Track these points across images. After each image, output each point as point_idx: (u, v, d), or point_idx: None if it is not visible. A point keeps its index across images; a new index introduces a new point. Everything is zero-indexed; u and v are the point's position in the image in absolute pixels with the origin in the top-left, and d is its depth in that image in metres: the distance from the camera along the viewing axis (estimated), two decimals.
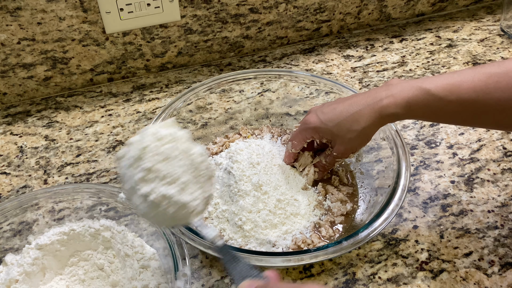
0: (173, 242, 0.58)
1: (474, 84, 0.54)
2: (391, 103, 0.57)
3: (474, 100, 0.54)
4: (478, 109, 0.55)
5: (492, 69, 0.54)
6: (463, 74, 0.56)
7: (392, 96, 0.57)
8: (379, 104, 0.58)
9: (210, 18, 0.92)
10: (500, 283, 0.61)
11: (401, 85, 0.58)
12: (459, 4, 1.12)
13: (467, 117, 0.58)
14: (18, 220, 0.64)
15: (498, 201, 0.71)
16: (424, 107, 0.57)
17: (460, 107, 0.55)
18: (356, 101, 0.60)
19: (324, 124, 0.62)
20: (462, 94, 0.54)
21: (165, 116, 0.71)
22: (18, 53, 0.84)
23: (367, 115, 0.59)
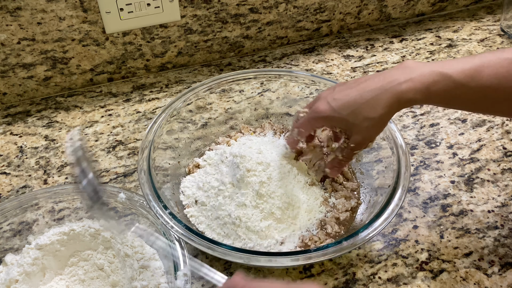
0: (173, 242, 0.58)
1: (497, 70, 0.52)
2: (410, 88, 0.54)
3: (496, 87, 0.52)
4: (500, 96, 0.53)
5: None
6: (484, 58, 0.53)
7: (411, 81, 0.54)
8: (397, 89, 0.54)
9: (210, 18, 0.92)
10: (500, 283, 0.61)
11: (420, 69, 0.54)
12: (459, 4, 1.12)
13: (487, 104, 0.56)
14: (18, 220, 0.64)
15: (498, 201, 0.71)
16: (445, 94, 0.54)
17: (481, 94, 0.53)
18: (371, 85, 0.56)
19: (338, 113, 0.57)
20: (484, 80, 0.52)
21: (165, 116, 0.71)
22: (18, 53, 0.84)
23: (384, 100, 0.55)
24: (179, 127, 0.74)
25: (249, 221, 0.61)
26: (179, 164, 0.73)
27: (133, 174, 0.76)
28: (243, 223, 0.62)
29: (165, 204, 0.59)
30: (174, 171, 0.71)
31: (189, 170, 0.73)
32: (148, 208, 0.61)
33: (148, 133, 0.69)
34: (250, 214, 0.62)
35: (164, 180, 0.67)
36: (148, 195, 0.60)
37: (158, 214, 0.59)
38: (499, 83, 0.52)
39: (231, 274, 0.62)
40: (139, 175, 0.63)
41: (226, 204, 0.64)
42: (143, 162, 0.64)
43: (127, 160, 0.78)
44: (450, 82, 0.53)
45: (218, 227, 0.64)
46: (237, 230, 0.62)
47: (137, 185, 0.74)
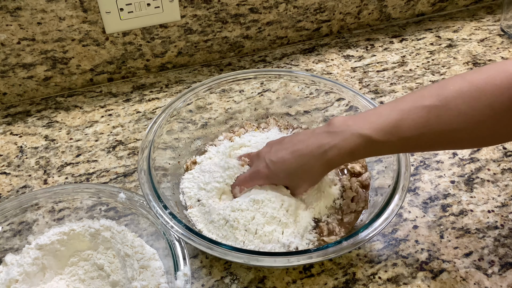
0: (173, 242, 0.58)
1: (415, 122, 0.53)
2: (335, 154, 0.57)
3: (418, 136, 0.53)
4: (424, 143, 0.54)
5: (432, 101, 0.52)
6: (402, 109, 0.54)
7: (336, 147, 0.57)
8: (325, 157, 0.58)
9: (210, 18, 0.92)
10: (500, 283, 0.61)
11: (343, 133, 0.57)
12: (459, 4, 1.12)
13: (414, 150, 0.59)
14: (18, 220, 0.64)
15: (498, 201, 0.71)
16: (369, 152, 0.57)
17: (405, 144, 0.55)
18: (302, 150, 0.60)
19: (276, 175, 0.63)
20: (405, 133, 0.53)
21: (165, 116, 0.71)
22: (18, 53, 0.84)
23: (315, 166, 0.59)
24: (179, 127, 0.74)
25: (249, 223, 0.61)
26: (179, 164, 0.73)
27: (133, 174, 0.76)
28: (241, 225, 0.62)
29: (165, 204, 0.59)
30: (174, 171, 0.71)
31: (187, 167, 0.73)
32: (148, 208, 0.61)
33: (148, 133, 0.69)
34: (249, 217, 0.62)
35: (164, 180, 0.67)
36: (148, 195, 0.60)
37: (158, 214, 0.59)
38: (420, 133, 0.53)
39: (231, 274, 0.62)
40: (139, 175, 0.63)
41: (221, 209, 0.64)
42: (143, 162, 0.64)
43: (127, 160, 0.78)
44: (371, 142, 0.55)
45: (215, 228, 0.64)
46: (235, 232, 0.61)
47: (137, 185, 0.74)
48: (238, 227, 0.61)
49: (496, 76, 0.50)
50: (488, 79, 0.50)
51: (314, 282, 0.61)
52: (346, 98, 0.75)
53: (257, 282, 0.61)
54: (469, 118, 0.51)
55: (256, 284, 0.61)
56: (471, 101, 0.50)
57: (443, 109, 0.52)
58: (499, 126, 0.51)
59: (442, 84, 0.54)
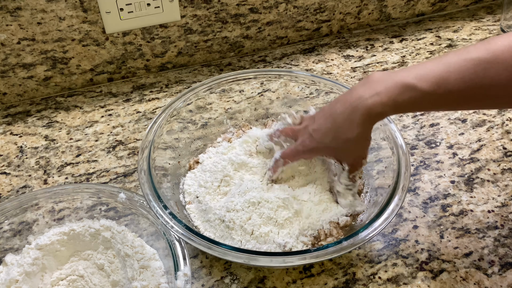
0: (173, 242, 0.58)
1: (463, 74, 0.51)
2: (377, 102, 0.54)
3: (464, 90, 0.52)
4: (469, 98, 0.53)
5: (479, 54, 0.51)
6: (449, 62, 0.53)
7: (377, 95, 0.54)
8: (365, 105, 0.55)
9: (210, 18, 0.92)
10: (500, 283, 0.61)
11: (385, 82, 0.54)
12: (459, 4, 1.12)
13: (457, 106, 0.57)
14: (18, 220, 0.64)
15: (498, 201, 0.71)
16: (413, 103, 0.54)
17: (450, 98, 0.53)
18: (341, 107, 0.57)
19: (321, 143, 0.60)
20: (451, 85, 0.52)
21: (165, 116, 0.71)
22: (18, 53, 0.84)
23: (356, 119, 0.56)
24: (179, 127, 0.74)
25: (245, 224, 0.61)
26: (179, 164, 0.73)
27: (133, 174, 0.76)
28: (237, 226, 0.61)
29: (165, 204, 0.59)
30: (174, 171, 0.71)
31: (190, 166, 0.73)
32: (148, 208, 0.61)
33: (148, 133, 0.69)
34: (245, 218, 0.62)
35: (164, 180, 0.67)
36: (148, 195, 0.60)
37: (158, 214, 0.59)
38: (466, 87, 0.52)
39: (231, 274, 0.62)
40: (139, 175, 0.63)
41: (217, 208, 0.64)
42: (143, 162, 0.64)
43: (127, 160, 0.78)
44: (416, 92, 0.53)
45: (211, 227, 0.64)
46: (231, 233, 0.61)
47: (137, 185, 0.74)
48: (234, 227, 0.61)
49: None
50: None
51: (314, 282, 0.61)
52: None
53: (257, 282, 0.61)
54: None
55: (256, 284, 0.61)
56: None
57: (491, 62, 0.50)
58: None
59: (489, 40, 0.53)
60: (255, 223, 0.61)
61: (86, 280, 0.60)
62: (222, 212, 0.63)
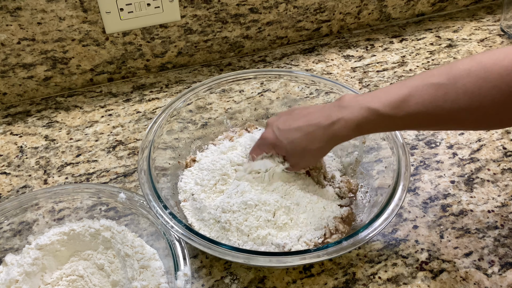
0: (173, 242, 0.58)
1: (423, 98, 0.53)
2: (342, 126, 0.58)
3: (425, 113, 0.54)
4: (430, 121, 0.55)
5: (440, 78, 0.53)
6: (411, 86, 0.55)
7: (343, 119, 0.57)
8: (332, 128, 0.58)
9: (210, 18, 0.92)
10: (500, 283, 0.61)
11: (351, 107, 0.58)
12: (459, 4, 1.12)
13: (420, 127, 0.60)
14: (18, 220, 0.64)
15: (498, 201, 0.71)
16: (375, 126, 0.57)
17: (411, 120, 0.55)
18: (311, 120, 0.60)
19: (280, 141, 0.62)
20: (411, 109, 0.54)
21: (165, 116, 0.71)
22: (18, 53, 0.84)
23: (320, 136, 0.59)
24: (179, 127, 0.74)
25: (241, 225, 0.61)
26: (179, 164, 0.73)
27: (133, 174, 0.76)
28: (234, 227, 0.61)
29: (165, 204, 0.59)
30: (174, 171, 0.71)
31: (186, 164, 0.73)
32: (148, 208, 0.61)
33: (148, 133, 0.69)
34: (241, 219, 0.61)
35: (164, 180, 0.67)
36: (148, 195, 0.60)
37: (158, 214, 0.59)
38: (427, 110, 0.53)
39: (231, 274, 0.62)
40: (139, 175, 0.63)
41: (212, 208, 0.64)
42: (143, 162, 0.64)
43: (127, 160, 0.78)
44: (378, 116, 0.55)
45: (205, 226, 0.64)
46: (227, 234, 0.61)
47: (137, 185, 0.74)
48: (230, 228, 0.61)
49: (504, 58, 0.50)
50: (497, 61, 0.51)
51: (314, 282, 0.61)
52: None
53: (257, 282, 0.61)
54: (475, 97, 0.51)
55: (256, 284, 0.61)
56: (478, 81, 0.51)
57: (451, 87, 0.52)
58: (504, 107, 0.51)
59: (451, 64, 0.54)
60: (252, 225, 0.61)
61: (86, 280, 0.60)
62: (217, 213, 0.62)
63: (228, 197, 0.64)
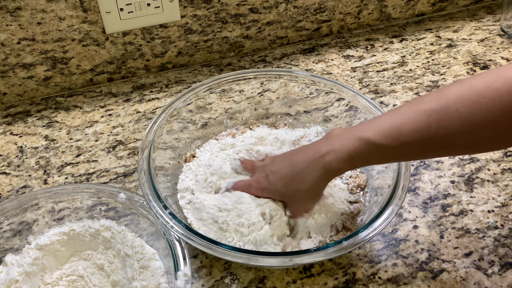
0: (173, 242, 0.58)
1: (416, 126, 0.52)
2: (333, 159, 0.56)
3: (418, 141, 0.53)
4: (425, 148, 0.54)
5: (432, 105, 0.52)
6: (402, 114, 0.54)
7: (334, 151, 0.56)
8: (322, 161, 0.56)
9: (210, 18, 0.92)
10: (500, 283, 0.61)
11: (341, 138, 0.56)
12: (459, 4, 1.12)
13: (415, 156, 0.58)
14: (18, 220, 0.64)
15: (498, 201, 0.71)
16: (368, 157, 0.55)
17: (405, 149, 0.54)
18: (301, 158, 0.59)
19: (273, 185, 0.61)
20: (405, 138, 0.53)
21: (165, 116, 0.71)
22: (18, 53, 0.84)
23: (312, 173, 0.57)
24: (179, 127, 0.74)
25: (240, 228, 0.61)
26: (179, 164, 0.73)
27: (133, 174, 0.76)
28: (232, 228, 0.61)
29: (165, 204, 0.59)
30: (174, 171, 0.71)
31: (186, 159, 0.73)
32: (148, 208, 0.61)
33: (148, 133, 0.69)
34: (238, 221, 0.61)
35: (164, 180, 0.67)
36: (148, 195, 0.60)
37: (158, 214, 0.59)
38: (421, 137, 0.52)
39: (231, 274, 0.62)
40: (139, 175, 0.63)
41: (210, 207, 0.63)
42: (143, 162, 0.64)
43: (127, 160, 0.78)
44: (370, 146, 0.54)
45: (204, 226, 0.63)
46: (226, 235, 0.61)
47: (137, 185, 0.74)
48: (228, 229, 0.61)
49: (495, 81, 0.50)
50: (487, 83, 0.50)
51: (314, 282, 0.61)
52: (346, 98, 0.75)
53: (257, 282, 0.61)
54: (469, 122, 0.50)
55: (256, 284, 0.61)
56: (471, 105, 0.50)
57: (444, 113, 0.51)
58: (498, 130, 0.51)
59: (441, 90, 0.53)
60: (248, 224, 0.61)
61: (86, 280, 0.60)
62: (214, 212, 0.62)
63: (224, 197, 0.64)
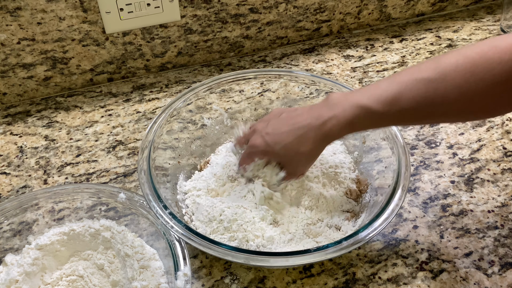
0: (173, 242, 0.58)
1: (413, 94, 0.54)
2: (334, 125, 0.57)
3: (416, 108, 0.54)
4: (421, 115, 0.56)
5: (429, 73, 0.54)
6: (401, 81, 0.55)
7: (335, 118, 0.57)
8: (323, 127, 0.58)
9: (210, 18, 0.92)
10: (500, 283, 0.61)
11: (342, 105, 0.57)
12: (459, 4, 1.12)
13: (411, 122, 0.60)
14: (18, 220, 0.64)
15: (498, 201, 0.71)
16: (368, 123, 0.58)
17: (403, 116, 0.56)
18: (301, 122, 0.60)
19: (271, 147, 0.61)
20: (403, 105, 0.54)
21: (165, 116, 0.71)
22: (18, 53, 0.84)
23: (312, 137, 0.59)
24: (179, 127, 0.74)
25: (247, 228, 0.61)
26: (179, 164, 0.73)
27: (133, 174, 0.76)
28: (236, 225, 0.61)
29: (165, 204, 0.59)
30: (174, 171, 0.71)
31: (201, 168, 0.74)
32: (148, 208, 0.61)
33: (148, 133, 0.69)
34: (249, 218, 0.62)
35: (164, 180, 0.67)
36: (148, 195, 0.60)
37: (158, 214, 0.59)
38: (418, 105, 0.54)
39: (231, 274, 0.62)
40: (139, 175, 0.63)
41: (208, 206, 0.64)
42: (143, 162, 0.65)
43: (127, 160, 0.78)
44: (370, 113, 0.56)
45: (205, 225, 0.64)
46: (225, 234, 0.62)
47: (137, 185, 0.74)
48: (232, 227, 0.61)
49: (488, 50, 0.51)
50: (481, 53, 0.52)
51: (314, 282, 0.61)
52: None
53: (257, 282, 0.61)
54: (464, 90, 0.52)
55: (256, 284, 0.61)
56: (466, 74, 0.52)
57: (440, 81, 0.53)
58: (491, 99, 0.53)
59: (438, 58, 0.55)
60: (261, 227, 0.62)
61: (86, 280, 0.60)
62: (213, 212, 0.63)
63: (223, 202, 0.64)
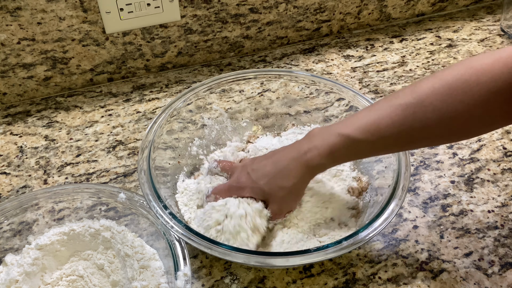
0: (173, 242, 0.58)
1: (392, 120, 0.54)
2: (314, 155, 0.57)
3: (396, 134, 0.54)
4: (403, 141, 0.56)
5: (406, 99, 0.54)
6: (379, 109, 0.55)
7: (315, 148, 0.57)
8: (304, 158, 0.58)
9: (210, 18, 0.92)
10: (500, 283, 0.61)
11: (322, 135, 0.58)
12: (459, 4, 1.12)
13: (393, 149, 0.60)
14: (18, 220, 0.64)
15: (498, 201, 0.71)
16: (348, 152, 0.57)
17: (383, 143, 0.56)
18: (282, 156, 0.60)
19: (255, 183, 0.61)
20: (382, 132, 0.54)
21: (165, 116, 0.71)
22: (18, 53, 0.84)
23: (294, 170, 0.58)
24: (179, 127, 0.74)
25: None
26: (179, 164, 0.73)
27: (133, 174, 0.76)
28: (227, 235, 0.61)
29: (165, 204, 0.59)
30: (174, 171, 0.71)
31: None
32: (148, 208, 0.61)
33: (148, 133, 0.69)
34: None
35: (164, 180, 0.67)
36: (148, 195, 0.60)
37: (158, 214, 0.59)
38: (398, 131, 0.54)
39: (231, 274, 0.62)
40: (139, 175, 0.63)
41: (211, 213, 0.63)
42: (143, 162, 0.65)
43: (127, 160, 0.78)
44: (350, 141, 0.56)
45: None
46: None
47: (137, 185, 0.74)
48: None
49: (464, 72, 0.51)
50: (457, 76, 0.52)
51: (314, 282, 0.61)
52: (346, 98, 0.75)
53: (257, 282, 0.61)
54: (443, 113, 0.52)
55: (256, 284, 0.61)
56: (444, 97, 0.52)
57: (418, 106, 0.53)
58: (471, 120, 0.53)
59: (415, 84, 0.55)
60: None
61: (86, 280, 0.60)
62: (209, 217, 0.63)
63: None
